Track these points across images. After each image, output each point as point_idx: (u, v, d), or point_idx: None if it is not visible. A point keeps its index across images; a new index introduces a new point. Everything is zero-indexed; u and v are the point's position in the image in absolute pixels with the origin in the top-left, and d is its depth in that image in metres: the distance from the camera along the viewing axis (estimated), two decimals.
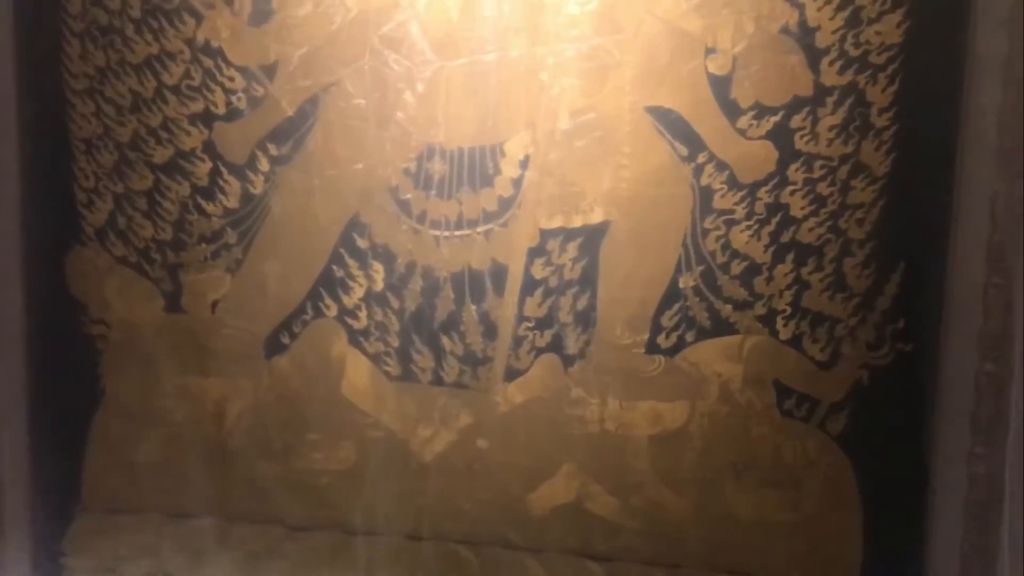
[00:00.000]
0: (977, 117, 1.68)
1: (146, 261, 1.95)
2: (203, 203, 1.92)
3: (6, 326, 1.96)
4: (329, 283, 1.89)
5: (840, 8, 1.69)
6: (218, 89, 1.89)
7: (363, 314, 1.88)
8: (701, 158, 1.76)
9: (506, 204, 1.82)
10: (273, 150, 1.88)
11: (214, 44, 1.88)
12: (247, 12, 1.86)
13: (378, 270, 1.87)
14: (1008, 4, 1.64)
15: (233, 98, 1.89)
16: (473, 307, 1.85)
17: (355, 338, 1.89)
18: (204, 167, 1.91)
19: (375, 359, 1.88)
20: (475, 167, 1.82)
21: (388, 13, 1.80)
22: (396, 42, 1.81)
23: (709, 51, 1.73)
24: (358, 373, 1.89)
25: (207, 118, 1.90)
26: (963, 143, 1.69)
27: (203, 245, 1.92)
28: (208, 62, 1.89)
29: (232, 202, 1.91)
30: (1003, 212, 1.69)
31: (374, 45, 1.81)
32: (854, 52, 1.70)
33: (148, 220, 1.94)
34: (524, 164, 1.80)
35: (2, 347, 1.96)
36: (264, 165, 1.89)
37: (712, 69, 1.73)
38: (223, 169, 1.90)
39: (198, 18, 1.88)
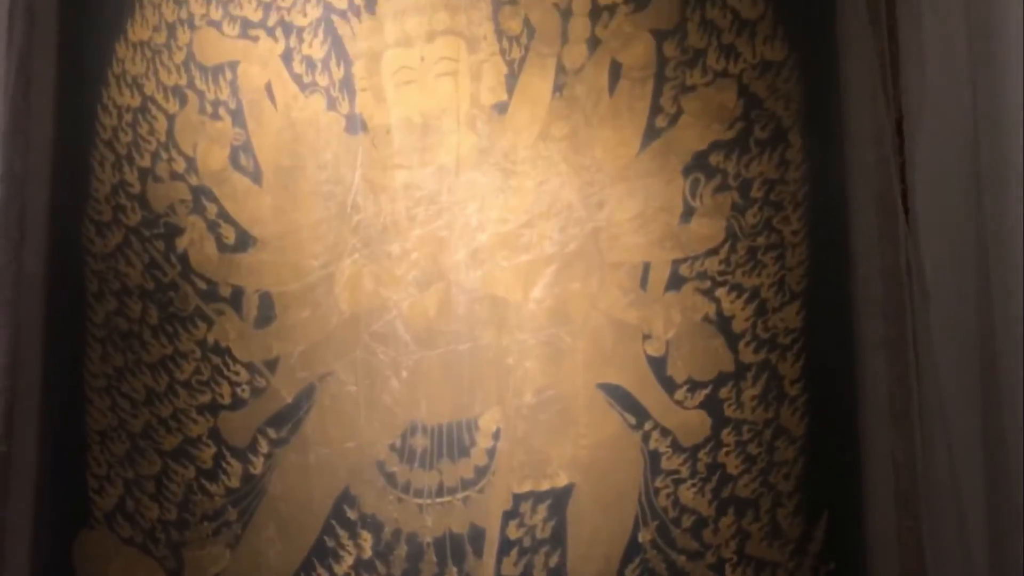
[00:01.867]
0: (871, 386, 1.88)
1: (151, 541, 2.02)
2: (207, 484, 2.04)
3: None
4: (321, 553, 1.98)
5: (749, 301, 1.93)
6: (225, 383, 2.07)
7: None
8: (648, 426, 1.92)
9: (482, 472, 1.98)
10: (272, 434, 2.04)
11: (223, 344, 2.08)
12: (253, 317, 2.09)
13: (366, 539, 1.98)
14: (881, 294, 1.94)
15: (238, 390, 2.07)
16: (455, 569, 1.95)
17: None
18: (209, 452, 2.05)
19: None
20: (453, 440, 2.00)
21: (377, 313, 2.04)
22: (383, 337, 2.04)
23: (646, 337, 1.94)
24: None
25: (213, 408, 2.06)
26: (862, 407, 1.88)
27: (205, 523, 2.02)
28: (216, 359, 2.08)
29: (234, 482, 2.03)
30: (902, 463, 1.91)
31: (365, 340, 2.04)
32: (764, 335, 1.90)
33: (155, 502, 2.04)
34: (496, 436, 1.99)
35: None
36: (264, 447, 2.04)
37: (650, 351, 1.94)
38: (226, 452, 2.04)
39: (209, 323, 2.10)
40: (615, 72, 2.00)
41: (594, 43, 2.00)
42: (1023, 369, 1.85)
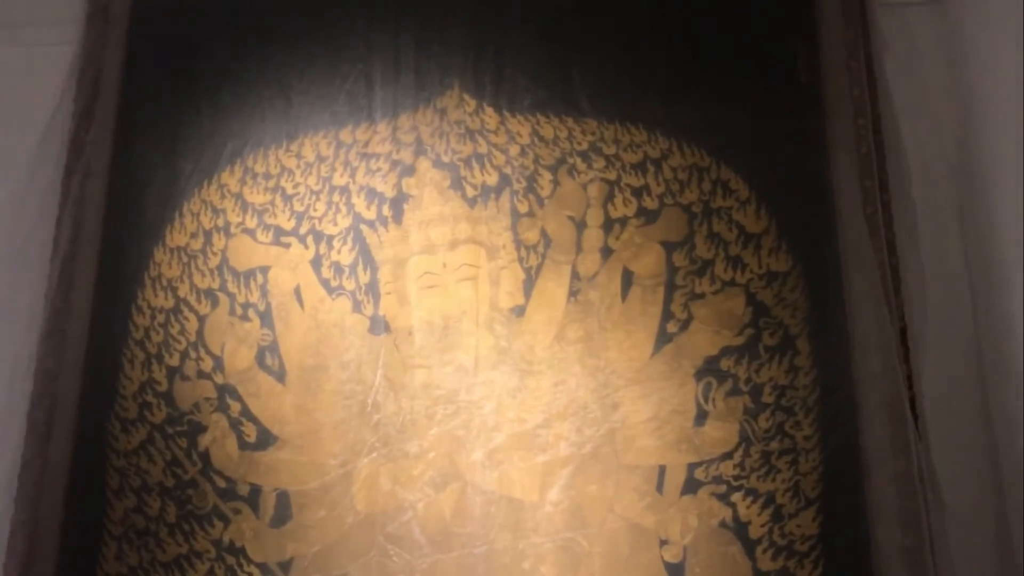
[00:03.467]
0: None
1: None
2: None
3: None
4: None
5: (764, 506, 1.92)
6: None
7: None
8: None
9: None
10: None
11: (238, 544, 2.04)
12: (269, 516, 2.06)
13: None
14: (896, 502, 1.91)
15: None
16: None
17: None
18: None
19: None
20: None
21: (392, 515, 2.02)
22: (398, 538, 2.00)
23: (663, 542, 1.91)
24: None
25: None
26: None
27: None
28: (231, 560, 2.04)
29: None
30: None
31: (380, 542, 2.01)
32: (781, 542, 1.87)
33: None
34: None
35: None
36: None
37: (667, 558, 1.91)
38: None
39: (226, 522, 2.07)
40: (627, 279, 2.06)
41: (607, 252, 2.07)
42: None
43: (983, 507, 1.92)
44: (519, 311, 2.08)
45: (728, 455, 1.94)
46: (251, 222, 2.23)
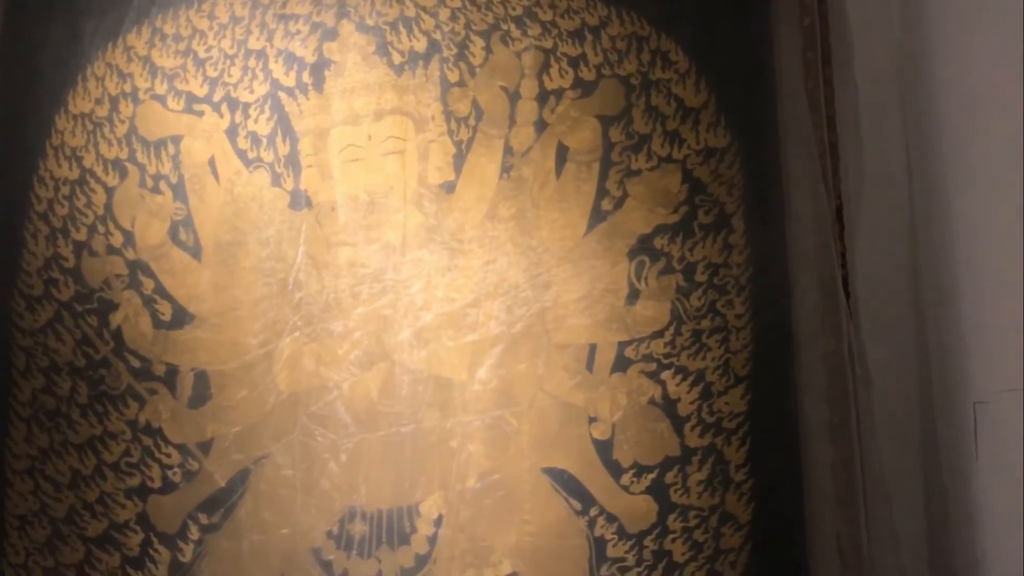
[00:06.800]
0: (814, 470, 1.84)
1: None
2: (132, 573, 1.90)
3: None
4: None
5: (694, 384, 1.91)
6: (155, 465, 1.95)
7: None
8: (593, 512, 1.86)
9: (422, 561, 1.88)
10: (204, 519, 1.92)
11: (155, 425, 1.97)
12: (187, 396, 1.98)
13: None
14: (824, 379, 1.91)
15: (169, 473, 1.95)
16: None
17: None
18: (136, 538, 1.92)
19: None
20: (393, 527, 1.90)
21: (316, 395, 1.96)
22: (323, 418, 1.95)
23: (592, 420, 1.90)
24: None
25: (142, 491, 1.94)
26: (807, 492, 1.84)
27: None
28: (147, 441, 1.97)
29: (161, 570, 1.90)
30: (847, 549, 1.85)
31: (303, 422, 1.95)
32: (710, 419, 1.86)
33: None
34: (438, 522, 1.89)
35: None
36: (194, 534, 1.92)
37: (596, 435, 1.89)
38: (154, 539, 1.92)
39: (141, 402, 1.99)
40: (562, 155, 1.97)
41: (541, 126, 1.97)
42: (965, 452, 1.80)
43: (908, 384, 1.92)
44: (449, 187, 1.98)
45: (659, 333, 1.90)
46: (161, 88, 2.07)
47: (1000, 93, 1.70)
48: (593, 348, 1.92)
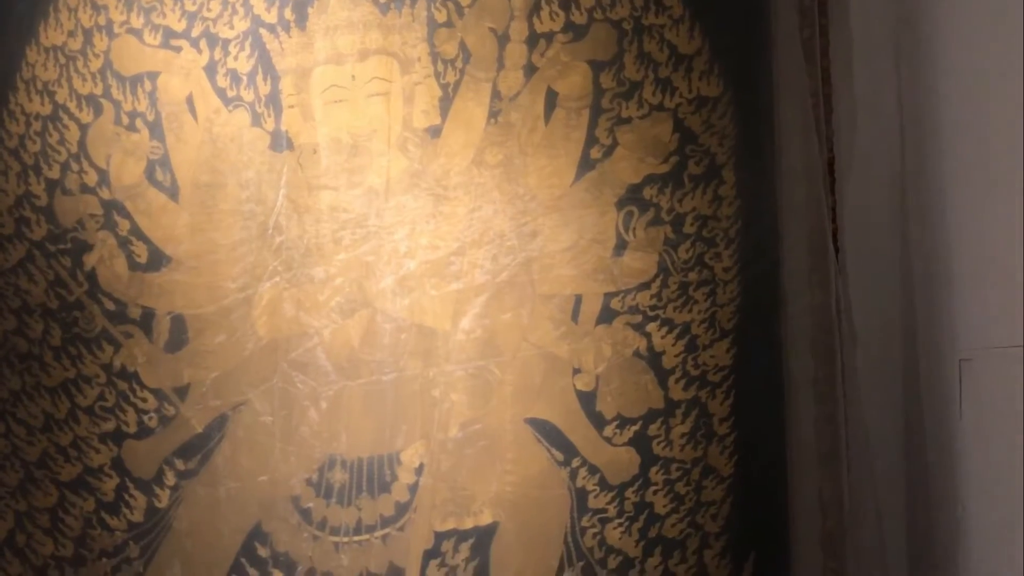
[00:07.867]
0: (798, 425, 1.85)
1: None
2: (107, 518, 1.88)
3: None
4: None
5: (679, 337, 1.89)
6: (131, 409, 1.92)
7: None
8: (575, 463, 1.86)
9: (402, 509, 1.86)
10: (180, 465, 1.90)
11: (130, 369, 1.93)
12: (164, 340, 1.94)
13: None
14: (810, 334, 1.89)
15: (145, 417, 1.92)
16: None
17: None
18: (111, 483, 1.89)
19: None
20: (373, 475, 1.88)
21: (296, 341, 1.92)
22: (303, 365, 1.91)
23: (576, 371, 1.88)
24: None
25: (117, 436, 1.91)
26: (790, 446, 1.85)
27: (104, 560, 1.86)
28: (122, 385, 1.93)
29: (136, 516, 1.88)
30: (829, 503, 1.86)
31: (283, 368, 1.91)
32: (694, 372, 1.85)
33: (49, 537, 1.88)
34: (419, 471, 1.87)
35: None
36: (170, 479, 1.89)
37: (579, 386, 1.88)
38: (129, 484, 1.89)
39: (116, 346, 1.94)
40: (551, 101, 1.91)
41: (531, 70, 1.92)
42: (948, 410, 1.80)
43: (894, 341, 1.91)
44: (435, 131, 1.93)
45: (646, 285, 1.87)
46: (137, 21, 2.00)
47: (997, 44, 1.66)
48: (579, 299, 1.89)
